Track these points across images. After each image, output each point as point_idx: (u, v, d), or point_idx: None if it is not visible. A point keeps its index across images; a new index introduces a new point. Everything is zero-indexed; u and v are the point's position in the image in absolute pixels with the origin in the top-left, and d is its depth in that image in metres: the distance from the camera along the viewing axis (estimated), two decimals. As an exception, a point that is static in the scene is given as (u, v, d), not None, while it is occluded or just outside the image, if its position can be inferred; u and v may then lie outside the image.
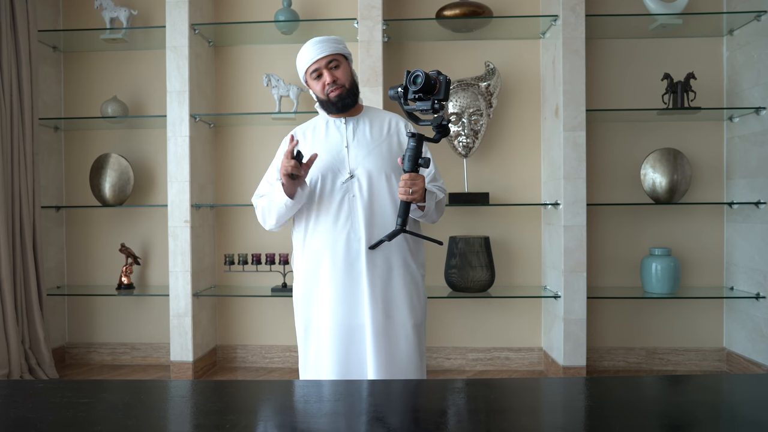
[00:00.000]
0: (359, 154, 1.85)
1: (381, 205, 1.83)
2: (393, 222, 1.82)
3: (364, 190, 1.81)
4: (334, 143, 1.87)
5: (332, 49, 1.83)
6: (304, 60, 1.85)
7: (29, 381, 1.19)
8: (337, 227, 1.81)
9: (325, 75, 1.83)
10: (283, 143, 1.95)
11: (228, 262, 3.30)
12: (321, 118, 1.95)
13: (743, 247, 3.19)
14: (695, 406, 1.05)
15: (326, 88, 1.83)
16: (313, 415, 1.00)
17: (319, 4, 3.44)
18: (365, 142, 1.87)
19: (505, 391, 1.17)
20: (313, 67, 1.83)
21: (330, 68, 1.83)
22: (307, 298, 1.88)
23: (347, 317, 1.81)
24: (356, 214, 1.81)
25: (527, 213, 3.41)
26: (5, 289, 2.96)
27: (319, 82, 1.84)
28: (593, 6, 3.20)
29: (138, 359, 3.57)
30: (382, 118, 1.94)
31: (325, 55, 1.82)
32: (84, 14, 3.54)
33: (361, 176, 1.82)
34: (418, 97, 1.68)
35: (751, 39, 3.12)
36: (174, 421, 1.00)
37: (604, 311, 3.38)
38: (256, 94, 3.50)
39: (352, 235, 1.81)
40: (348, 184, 1.82)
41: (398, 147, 1.90)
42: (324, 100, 1.86)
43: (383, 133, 1.90)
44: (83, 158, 3.58)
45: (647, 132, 3.37)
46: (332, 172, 1.83)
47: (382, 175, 1.83)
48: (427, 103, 1.68)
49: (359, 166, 1.83)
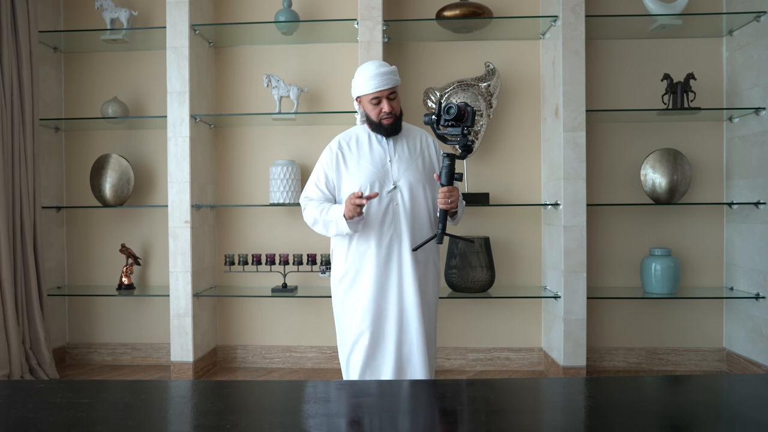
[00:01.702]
0: (401, 167, 2.12)
1: (420, 213, 2.12)
2: (428, 227, 2.14)
3: (406, 200, 2.10)
4: (378, 157, 2.12)
5: (394, 82, 2.05)
6: (368, 86, 2.04)
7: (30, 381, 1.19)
8: (383, 231, 2.09)
9: (384, 104, 2.05)
10: (329, 151, 2.16)
11: (228, 262, 3.30)
12: (362, 131, 2.18)
13: (743, 247, 3.19)
14: (695, 406, 1.06)
15: (381, 114, 2.06)
16: (313, 415, 1.00)
17: (320, 5, 3.44)
18: (405, 157, 2.14)
19: (505, 391, 1.17)
20: (376, 95, 2.04)
21: (390, 99, 2.06)
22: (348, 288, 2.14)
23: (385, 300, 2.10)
24: (399, 220, 2.09)
25: (527, 213, 3.41)
26: (6, 290, 2.96)
27: (377, 107, 2.06)
28: (593, 6, 3.20)
29: (138, 359, 3.58)
30: (415, 135, 2.20)
31: (389, 87, 2.04)
32: (84, 15, 3.54)
33: (403, 187, 2.10)
34: (450, 125, 2.01)
35: (751, 39, 3.12)
36: (174, 421, 1.00)
37: (604, 311, 3.38)
38: (257, 94, 3.50)
39: (395, 238, 2.09)
40: (393, 194, 2.10)
41: (430, 161, 2.18)
42: (375, 122, 2.09)
43: (417, 149, 2.17)
44: (84, 159, 3.58)
45: (647, 132, 3.37)
46: (379, 183, 2.09)
47: (420, 187, 2.12)
48: (457, 129, 2.01)
49: (401, 178, 2.11)
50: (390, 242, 2.10)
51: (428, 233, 2.14)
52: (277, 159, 3.42)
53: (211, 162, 3.49)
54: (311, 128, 3.48)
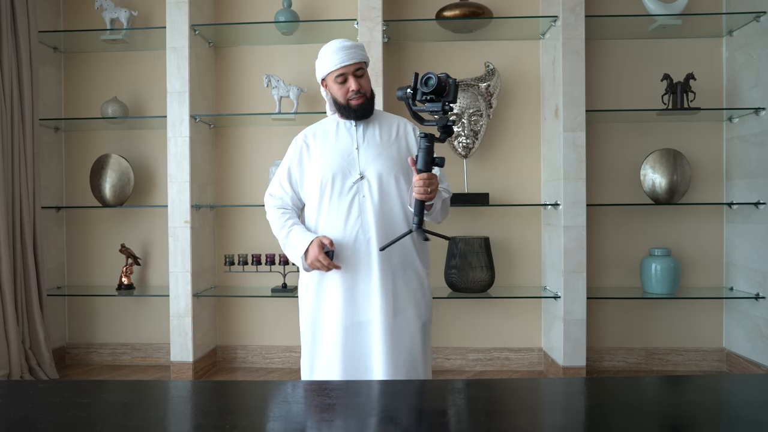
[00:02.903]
0: (369, 155, 1.88)
1: (390, 206, 1.87)
2: (401, 223, 1.87)
3: (374, 191, 1.85)
4: (344, 145, 1.90)
5: (360, 57, 1.85)
6: (331, 62, 1.83)
7: (29, 381, 1.19)
8: (348, 227, 1.85)
9: (350, 82, 1.84)
10: (294, 145, 1.98)
11: (228, 262, 3.30)
12: (331, 120, 1.97)
13: (743, 247, 3.19)
14: (695, 407, 1.05)
15: (349, 94, 1.85)
16: (312, 415, 1.00)
17: (319, 5, 3.44)
18: (375, 144, 1.90)
19: (504, 391, 1.17)
20: (340, 71, 1.83)
21: (356, 76, 1.85)
22: (315, 297, 1.91)
23: (355, 315, 1.84)
24: (366, 215, 1.85)
25: (527, 213, 3.41)
26: (6, 290, 2.96)
27: (343, 86, 1.85)
28: (593, 7, 3.20)
29: (138, 360, 3.57)
30: (391, 122, 1.97)
31: (355, 62, 1.83)
32: (84, 15, 3.54)
33: (371, 177, 1.86)
34: (428, 99, 1.71)
35: (751, 40, 3.12)
36: (174, 421, 1.00)
37: (604, 311, 3.38)
38: (256, 94, 3.50)
39: (362, 235, 1.84)
40: (358, 185, 1.85)
41: (407, 150, 1.93)
42: (343, 105, 1.87)
43: (392, 136, 1.93)
44: (83, 159, 3.58)
45: (647, 132, 3.37)
46: (342, 173, 1.86)
47: (392, 177, 1.87)
48: (437, 104, 1.71)
49: (369, 168, 1.86)
50: (355, 241, 1.84)
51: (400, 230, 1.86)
52: (277, 159, 3.42)
53: (211, 162, 3.49)
54: (311, 128, 3.48)
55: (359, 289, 1.84)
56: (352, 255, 1.84)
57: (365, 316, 1.84)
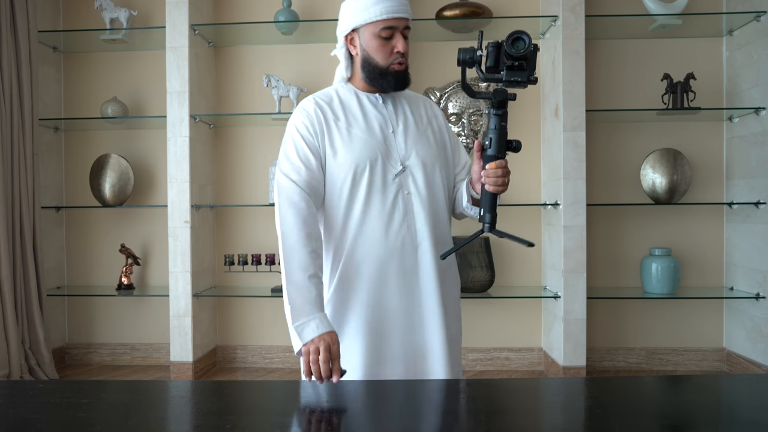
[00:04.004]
0: (408, 140, 1.48)
1: (438, 204, 1.50)
2: (448, 224, 1.55)
3: (420, 186, 1.46)
4: (377, 124, 1.48)
5: (410, 14, 1.46)
6: (377, 9, 1.40)
7: (29, 381, 1.19)
8: (391, 233, 1.44)
9: (398, 40, 1.43)
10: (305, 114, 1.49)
11: (228, 262, 3.30)
12: (347, 91, 1.53)
13: (743, 247, 3.19)
14: (695, 407, 1.05)
15: (393, 57, 1.44)
16: (312, 415, 1.00)
17: (319, 5, 3.44)
18: (411, 126, 1.51)
19: (504, 391, 1.17)
20: (390, 23, 1.41)
21: (404, 35, 1.45)
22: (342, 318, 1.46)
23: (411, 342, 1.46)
24: (412, 215, 1.46)
25: (527, 213, 3.41)
26: (5, 290, 2.96)
27: (387, 45, 1.43)
28: (593, 6, 3.20)
29: (138, 360, 3.57)
30: (416, 100, 1.59)
31: (406, 17, 1.44)
32: (84, 15, 3.54)
33: (414, 168, 1.47)
34: (512, 65, 1.31)
35: (751, 39, 3.12)
36: (174, 421, 1.00)
37: (604, 311, 3.38)
38: (256, 94, 3.50)
39: (409, 242, 1.45)
40: (401, 179, 1.46)
41: (440, 136, 1.57)
42: (381, 68, 1.45)
43: (423, 118, 1.55)
44: (83, 159, 3.58)
45: (647, 132, 3.37)
46: (382, 162, 1.45)
47: (437, 167, 1.50)
48: (523, 74, 1.31)
49: (411, 156, 1.47)
50: (403, 248, 1.44)
51: (448, 232, 1.54)
52: (277, 159, 3.42)
53: (211, 162, 3.49)
54: (311, 128, 3.48)
55: (412, 309, 1.45)
56: (398, 267, 1.44)
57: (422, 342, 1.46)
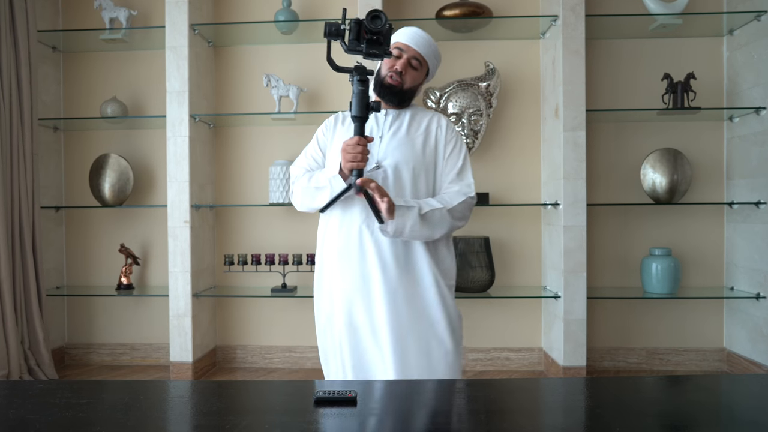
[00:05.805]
0: (390, 145, 1.78)
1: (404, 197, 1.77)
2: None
3: (389, 182, 1.74)
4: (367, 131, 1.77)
5: (425, 51, 1.80)
6: (401, 35, 1.81)
7: (29, 382, 1.19)
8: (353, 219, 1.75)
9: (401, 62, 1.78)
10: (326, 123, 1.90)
11: (228, 262, 3.30)
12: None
13: (743, 247, 3.19)
14: (695, 407, 1.05)
15: (390, 71, 1.78)
16: (312, 415, 0.99)
17: (319, 4, 3.43)
18: (400, 134, 1.80)
19: (505, 391, 1.16)
20: (401, 45, 1.79)
21: (410, 65, 1.79)
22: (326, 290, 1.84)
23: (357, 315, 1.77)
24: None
25: (527, 213, 3.41)
26: (5, 290, 2.95)
27: (393, 61, 1.79)
28: (593, 6, 3.19)
29: (137, 360, 3.57)
30: (424, 115, 1.87)
31: (419, 51, 1.79)
32: (83, 14, 3.54)
33: (388, 167, 1.75)
34: (371, 39, 1.53)
35: (751, 39, 3.12)
36: (174, 421, 1.00)
37: (604, 311, 3.38)
38: (256, 94, 3.49)
39: (365, 228, 1.74)
40: (374, 174, 1.73)
41: (434, 143, 1.83)
42: (380, 78, 1.80)
43: (421, 127, 1.83)
44: (83, 158, 3.58)
45: (647, 132, 3.37)
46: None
47: (410, 169, 1.76)
48: (380, 47, 1.53)
49: (388, 157, 1.76)
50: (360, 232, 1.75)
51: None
52: (277, 159, 3.42)
53: (211, 162, 3.49)
54: (311, 128, 3.47)
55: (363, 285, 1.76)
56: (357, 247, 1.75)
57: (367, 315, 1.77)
